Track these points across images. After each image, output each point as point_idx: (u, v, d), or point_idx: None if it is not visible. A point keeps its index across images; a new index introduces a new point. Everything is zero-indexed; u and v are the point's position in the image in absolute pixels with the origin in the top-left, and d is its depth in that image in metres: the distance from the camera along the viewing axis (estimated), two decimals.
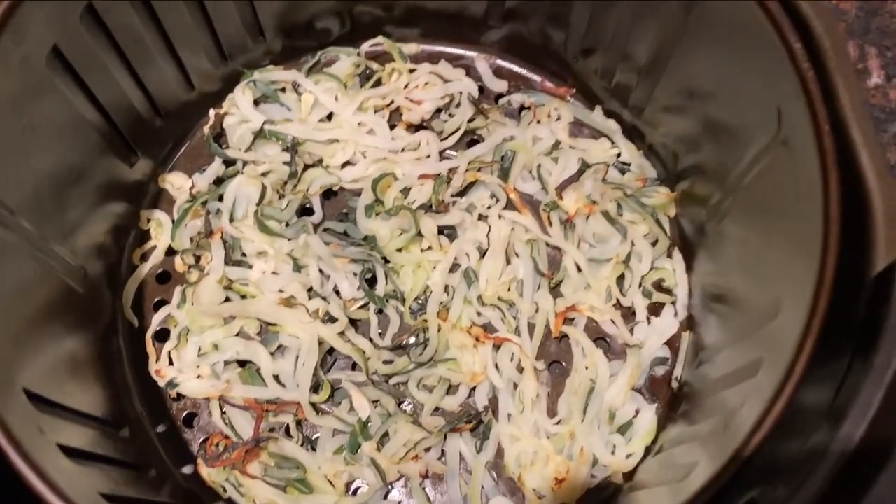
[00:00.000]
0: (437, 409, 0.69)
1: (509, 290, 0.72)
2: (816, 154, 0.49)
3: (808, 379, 0.45)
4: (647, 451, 0.67)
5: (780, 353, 0.46)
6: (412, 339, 0.71)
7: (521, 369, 0.69)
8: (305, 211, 0.75)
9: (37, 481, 0.41)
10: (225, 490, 0.66)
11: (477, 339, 0.69)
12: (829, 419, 0.41)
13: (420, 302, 0.72)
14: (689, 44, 0.64)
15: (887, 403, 0.38)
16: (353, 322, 0.71)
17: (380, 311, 0.72)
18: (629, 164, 0.77)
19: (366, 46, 0.80)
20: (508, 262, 0.73)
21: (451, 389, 0.70)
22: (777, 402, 0.43)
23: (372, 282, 0.72)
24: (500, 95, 0.81)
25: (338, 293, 0.72)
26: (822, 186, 0.48)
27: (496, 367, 0.69)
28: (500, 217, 0.73)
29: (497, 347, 0.70)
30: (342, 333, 0.69)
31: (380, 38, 0.80)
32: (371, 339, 0.70)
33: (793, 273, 0.50)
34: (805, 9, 0.53)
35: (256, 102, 0.77)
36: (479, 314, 0.71)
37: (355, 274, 0.72)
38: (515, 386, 0.69)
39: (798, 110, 0.50)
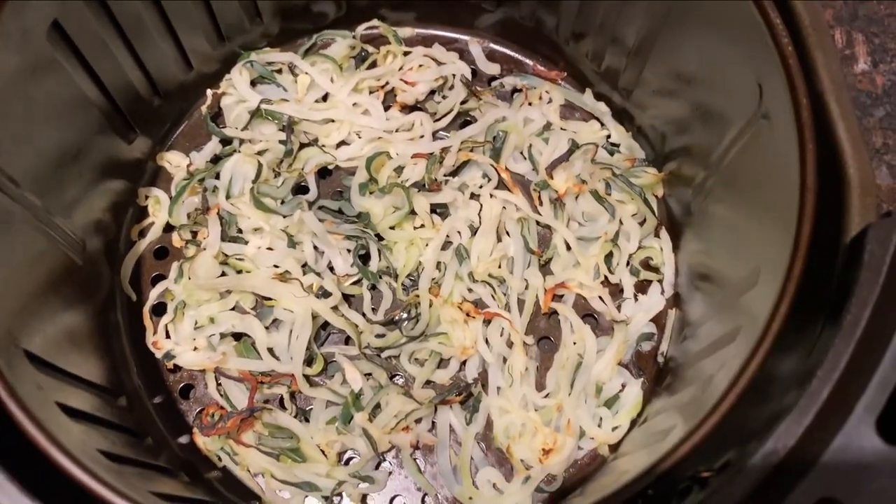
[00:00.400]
0: (428, 381, 0.71)
1: (500, 267, 0.73)
2: (794, 126, 0.50)
3: (783, 344, 0.46)
4: (633, 423, 0.68)
5: (756, 319, 0.48)
6: (404, 315, 0.72)
7: (510, 344, 0.71)
8: (301, 189, 0.76)
9: (36, 432, 0.42)
10: (220, 459, 0.68)
11: (468, 315, 0.71)
12: (798, 381, 0.42)
13: (412, 278, 0.73)
14: (675, 26, 0.65)
15: (854, 363, 0.40)
16: (347, 297, 0.73)
17: (373, 287, 0.73)
18: (618, 146, 0.78)
19: (361, 29, 0.81)
20: (499, 239, 0.74)
21: (442, 363, 0.71)
22: (750, 365, 0.44)
23: (365, 258, 0.74)
24: (493, 78, 0.83)
25: (332, 269, 0.73)
26: (799, 157, 0.49)
27: (486, 341, 0.71)
28: (491, 196, 0.75)
29: (487, 322, 0.71)
30: (335, 308, 0.70)
31: (375, 22, 0.82)
32: (364, 314, 0.72)
33: (771, 243, 0.51)
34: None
35: (253, 83, 0.78)
36: (469, 290, 0.73)
37: (349, 250, 0.73)
38: (505, 360, 0.70)
39: (777, 84, 0.52)
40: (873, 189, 0.46)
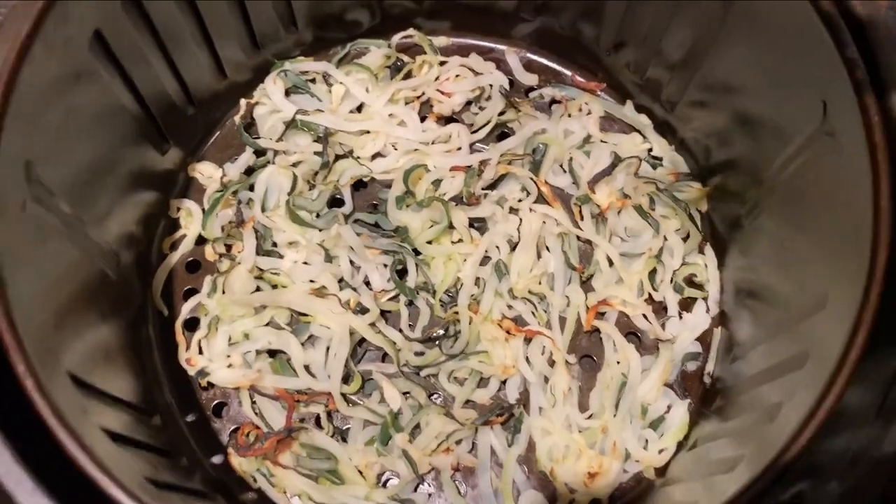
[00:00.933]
0: (468, 401, 0.69)
1: (540, 283, 0.72)
2: (865, 146, 0.48)
3: (858, 374, 0.44)
4: (680, 446, 0.66)
5: (827, 347, 0.46)
6: (442, 332, 0.70)
7: (552, 363, 0.69)
8: (336, 202, 0.75)
9: (88, 463, 0.41)
10: (255, 480, 0.66)
11: (508, 332, 0.69)
12: (879, 416, 0.40)
13: (451, 294, 0.71)
14: (726, 39, 0.64)
15: None
16: (384, 313, 0.71)
17: (410, 303, 0.71)
18: (661, 159, 0.76)
19: (396, 38, 0.80)
20: (539, 255, 0.72)
21: (482, 382, 0.70)
22: (827, 397, 0.42)
23: (402, 273, 0.72)
24: (531, 89, 0.81)
25: (368, 284, 0.71)
26: (871, 179, 0.47)
27: (527, 360, 0.69)
28: (531, 210, 0.73)
29: (528, 341, 0.69)
30: (373, 324, 0.69)
31: (410, 31, 0.80)
32: (402, 331, 0.70)
33: (838, 267, 0.49)
34: (857, 5, 0.53)
35: (287, 93, 0.77)
36: (509, 307, 0.71)
37: (386, 265, 0.72)
38: (547, 380, 0.69)
39: (845, 101, 0.50)
40: None
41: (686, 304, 0.73)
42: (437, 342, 0.70)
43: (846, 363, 0.43)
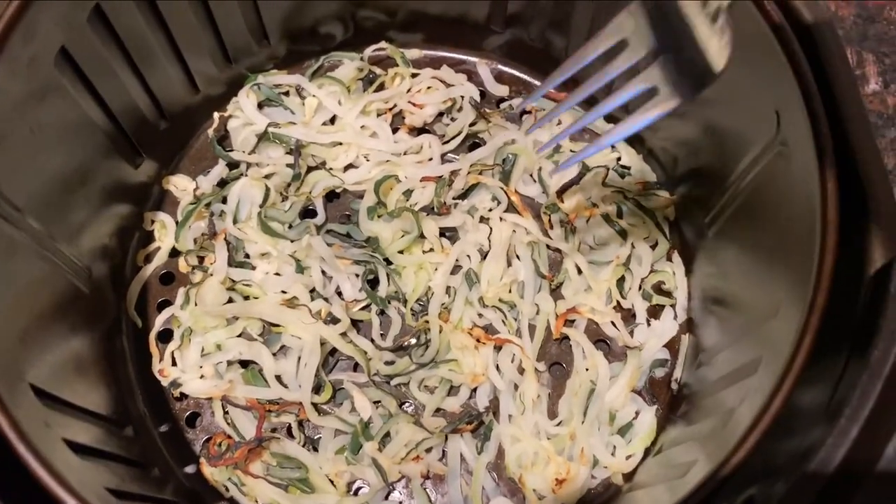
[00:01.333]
0: (438, 409, 0.69)
1: (510, 291, 0.72)
2: (814, 155, 0.49)
3: (807, 377, 0.45)
4: (647, 452, 0.67)
5: (779, 351, 0.47)
6: (413, 341, 0.71)
7: (521, 370, 0.70)
8: (308, 213, 0.75)
9: (44, 474, 0.41)
10: (227, 489, 0.66)
11: (478, 341, 0.70)
12: (826, 417, 0.41)
13: (421, 303, 0.72)
14: None
15: (883, 399, 0.39)
16: (356, 323, 0.71)
17: (381, 313, 0.72)
18: (629, 168, 0.77)
19: (369, 51, 0.81)
20: (509, 264, 0.73)
21: (453, 390, 0.70)
22: (775, 399, 0.43)
23: (374, 283, 0.73)
24: (502, 100, 0.82)
25: (340, 294, 0.72)
26: (819, 186, 0.48)
27: (497, 368, 0.70)
28: (501, 219, 0.74)
29: (498, 349, 0.70)
30: (344, 334, 0.69)
31: (382, 43, 0.81)
32: (373, 340, 0.71)
33: (791, 272, 0.50)
34: (804, 13, 0.54)
35: (260, 106, 0.78)
36: (480, 315, 0.72)
37: (357, 275, 0.72)
38: (516, 387, 0.69)
39: (796, 112, 0.51)
40: None
41: (654, 312, 0.73)
42: (407, 351, 0.70)
43: (793, 367, 0.44)
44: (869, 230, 0.46)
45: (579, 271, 0.73)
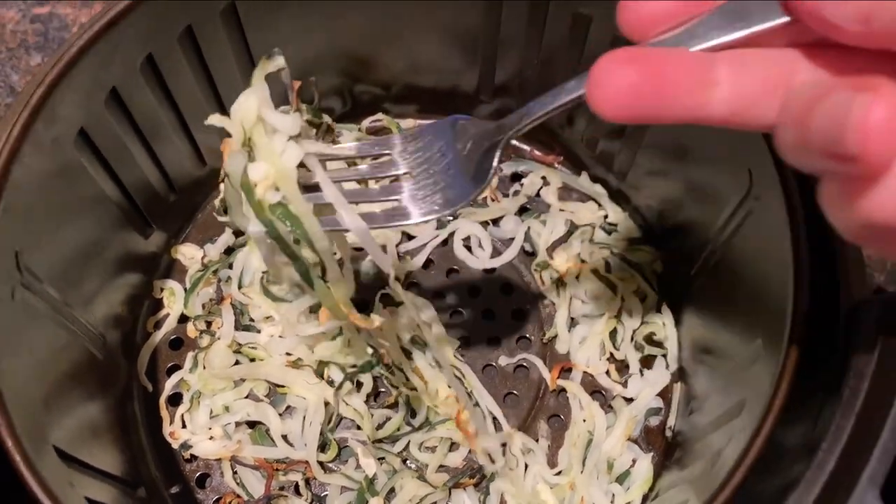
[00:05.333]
0: (441, 465, 0.72)
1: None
2: (785, 208, 0.53)
3: (787, 419, 0.48)
4: (645, 497, 0.69)
5: (761, 393, 0.50)
6: (402, 402, 0.73)
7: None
8: None
9: None
10: None
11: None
12: (806, 453, 0.44)
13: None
14: None
15: (855, 435, 0.41)
16: (357, 383, 0.74)
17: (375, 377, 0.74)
18: (616, 225, 0.81)
19: (366, 122, 0.85)
20: None
21: (454, 446, 0.72)
22: (756, 439, 0.46)
23: None
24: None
25: None
26: (791, 237, 0.52)
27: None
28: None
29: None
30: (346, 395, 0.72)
31: (379, 115, 0.86)
32: (367, 401, 0.73)
33: (770, 318, 0.53)
34: None
35: None
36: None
37: None
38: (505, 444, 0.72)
39: (767, 168, 0.55)
40: (863, 265, 0.49)
41: (647, 362, 0.76)
42: (396, 409, 0.72)
43: (773, 407, 0.47)
44: (839, 276, 0.50)
45: (572, 325, 0.76)
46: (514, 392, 0.75)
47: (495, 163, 0.48)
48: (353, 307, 0.59)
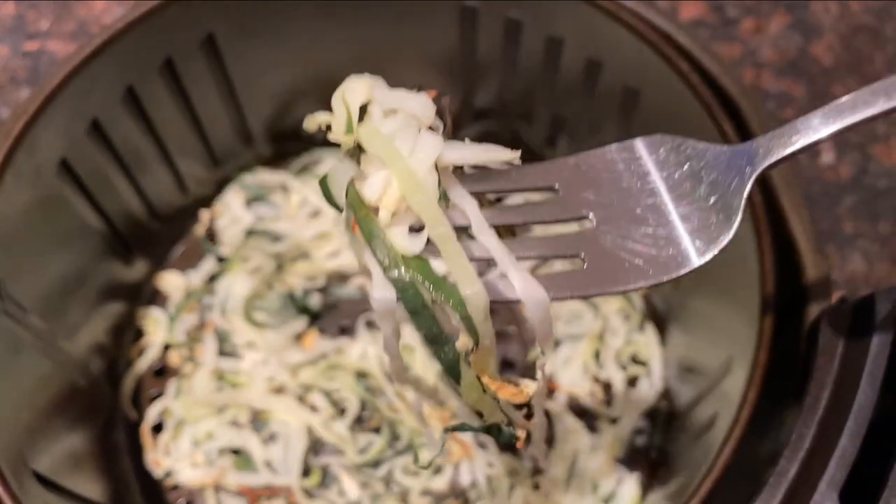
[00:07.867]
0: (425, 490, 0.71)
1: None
2: (751, 223, 0.54)
3: (755, 429, 0.48)
4: None
5: (732, 404, 0.50)
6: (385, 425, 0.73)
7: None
8: (292, 300, 0.79)
9: None
10: None
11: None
12: (770, 459, 0.44)
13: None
14: (638, 131, 0.70)
15: (816, 442, 0.42)
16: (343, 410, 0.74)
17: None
18: None
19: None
20: None
21: (438, 470, 0.72)
22: (724, 450, 0.46)
23: None
24: None
25: None
26: (757, 252, 0.52)
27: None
28: None
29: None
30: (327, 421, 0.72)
31: None
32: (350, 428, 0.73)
33: (740, 332, 0.54)
34: (735, 94, 0.59)
35: (247, 202, 0.83)
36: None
37: None
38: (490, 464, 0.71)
39: None
40: (828, 276, 0.49)
41: (631, 381, 0.76)
42: (379, 433, 0.73)
43: (740, 419, 0.47)
44: (803, 288, 0.50)
45: (555, 346, 0.76)
46: None
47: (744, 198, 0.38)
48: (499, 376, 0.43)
